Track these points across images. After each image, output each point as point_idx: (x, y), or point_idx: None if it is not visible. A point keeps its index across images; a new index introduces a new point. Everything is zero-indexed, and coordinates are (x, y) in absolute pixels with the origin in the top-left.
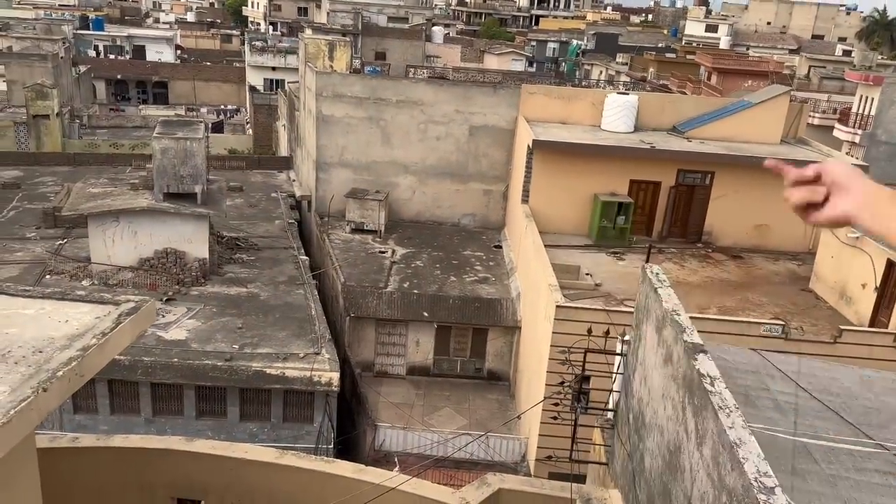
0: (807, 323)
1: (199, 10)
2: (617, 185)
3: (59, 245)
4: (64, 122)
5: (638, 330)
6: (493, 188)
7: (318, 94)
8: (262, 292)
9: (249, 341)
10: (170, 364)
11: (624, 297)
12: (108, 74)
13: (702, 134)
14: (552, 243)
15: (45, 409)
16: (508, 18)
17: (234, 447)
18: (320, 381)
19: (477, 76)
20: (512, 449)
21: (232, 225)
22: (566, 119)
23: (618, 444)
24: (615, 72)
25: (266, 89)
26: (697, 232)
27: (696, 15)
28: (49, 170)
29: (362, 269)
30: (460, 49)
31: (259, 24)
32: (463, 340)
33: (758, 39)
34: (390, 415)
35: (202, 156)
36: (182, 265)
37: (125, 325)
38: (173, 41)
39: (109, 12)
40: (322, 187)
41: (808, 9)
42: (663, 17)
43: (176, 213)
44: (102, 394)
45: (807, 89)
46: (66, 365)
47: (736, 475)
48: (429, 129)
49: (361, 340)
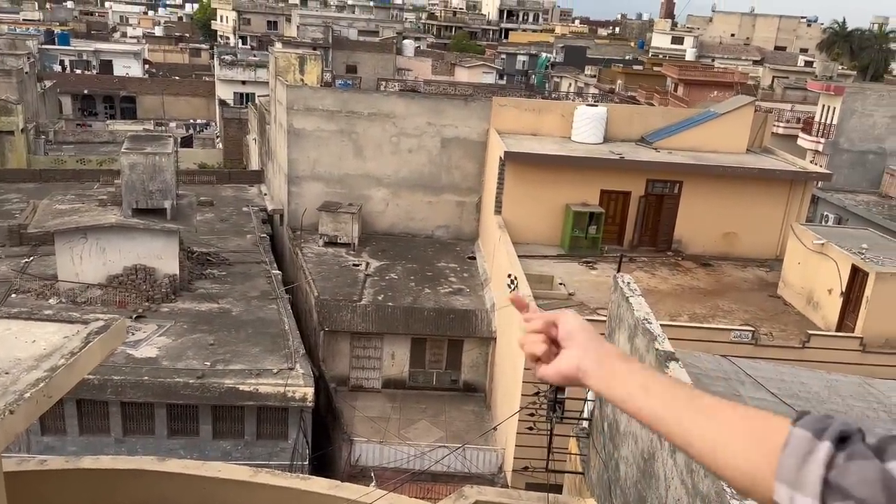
0: (775, 329)
1: (167, 25)
2: (588, 196)
3: (25, 263)
4: (29, 137)
5: (610, 338)
6: (466, 200)
7: (290, 108)
8: (233, 308)
9: (221, 358)
10: (140, 382)
11: (597, 305)
12: (74, 89)
13: (670, 144)
14: (525, 254)
15: (12, 432)
16: (478, 32)
17: (207, 466)
18: (294, 397)
19: (448, 89)
20: (489, 460)
21: (202, 240)
22: (537, 131)
23: (593, 454)
24: (584, 84)
25: (236, 103)
26: (667, 240)
27: (662, 27)
28: (14, 186)
29: (336, 282)
30: (431, 62)
31: (228, 38)
32: (438, 352)
33: (722, 51)
34: (366, 429)
35: (171, 171)
36: (152, 282)
37: (94, 345)
38: (141, 55)
39: (75, 27)
40: (294, 201)
41: (770, 21)
42: (630, 30)
43: (145, 228)
44: (71, 414)
45: (771, 99)
46: (33, 386)
47: (709, 482)
48: (401, 142)
49: (336, 354)
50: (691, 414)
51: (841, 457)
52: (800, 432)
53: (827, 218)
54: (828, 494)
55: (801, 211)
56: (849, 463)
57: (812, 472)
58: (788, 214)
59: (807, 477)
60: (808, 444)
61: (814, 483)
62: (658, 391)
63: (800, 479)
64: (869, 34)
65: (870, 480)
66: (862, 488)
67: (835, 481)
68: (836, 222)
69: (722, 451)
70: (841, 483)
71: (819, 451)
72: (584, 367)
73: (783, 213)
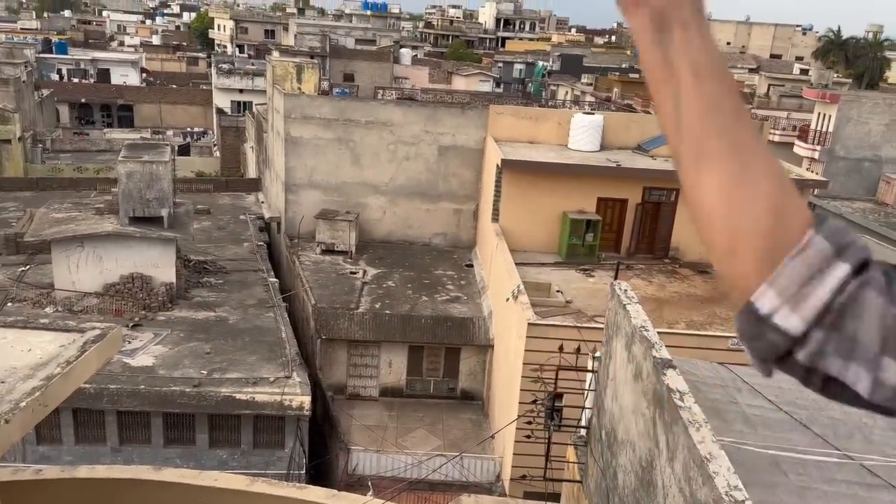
0: None
1: (164, 34)
2: (585, 203)
3: (22, 272)
4: (26, 146)
5: (608, 346)
6: (464, 207)
7: (287, 116)
8: (230, 316)
9: (218, 366)
10: (136, 391)
11: (594, 313)
12: (71, 98)
13: (666, 152)
14: (523, 261)
15: (8, 442)
16: (475, 40)
17: (203, 475)
18: (291, 406)
19: (445, 97)
20: (486, 469)
21: (199, 248)
22: (534, 139)
23: (591, 462)
24: (581, 92)
25: (233, 111)
26: (664, 248)
27: None
28: (11, 195)
29: (333, 290)
30: (428, 70)
31: (226, 46)
32: (436, 360)
33: None
34: (363, 438)
35: (168, 179)
36: (149, 290)
37: (90, 353)
38: (138, 64)
39: (73, 36)
40: (291, 209)
41: (766, 29)
42: (626, 39)
43: (142, 237)
44: (67, 423)
45: (766, 107)
46: (29, 395)
47: (707, 490)
48: (398, 150)
49: (333, 363)
50: (724, 137)
51: (855, 284)
52: (821, 243)
53: None
54: (819, 321)
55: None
56: (861, 292)
57: (816, 294)
58: None
59: (808, 296)
60: (824, 259)
61: (813, 306)
62: (709, 78)
63: (799, 294)
64: (864, 42)
65: (871, 319)
66: (857, 324)
67: (835, 307)
68: None
69: (726, 206)
70: (842, 311)
71: (835, 271)
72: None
73: None
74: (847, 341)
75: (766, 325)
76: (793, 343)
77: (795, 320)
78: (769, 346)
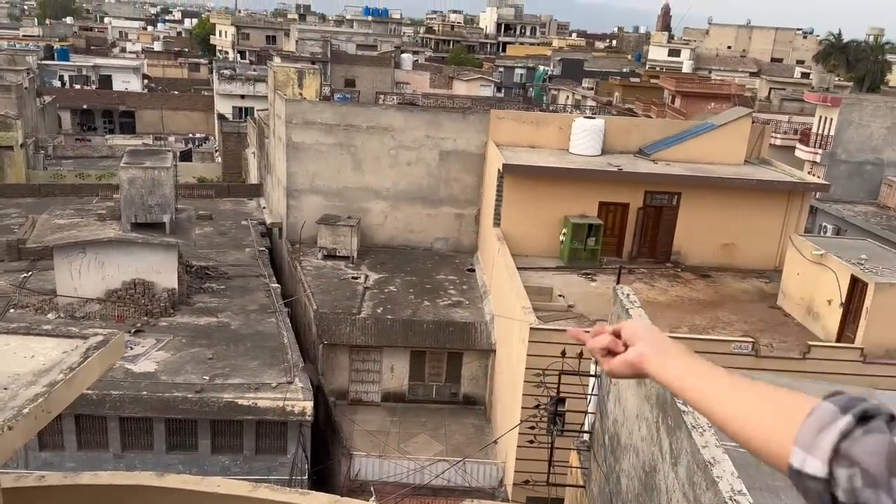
0: (776, 339)
1: (166, 40)
2: (586, 208)
3: (24, 278)
4: (28, 152)
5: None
6: (465, 212)
7: (288, 122)
8: (232, 321)
9: (220, 372)
10: (139, 397)
11: (597, 317)
12: (73, 104)
13: (667, 156)
14: (524, 265)
15: (10, 448)
16: (476, 45)
17: (206, 481)
18: (293, 411)
19: (446, 102)
20: (489, 474)
21: (201, 254)
22: (535, 143)
23: (594, 467)
24: (581, 96)
25: (235, 117)
26: (666, 252)
27: (659, 40)
28: (13, 201)
29: (335, 295)
30: (429, 75)
31: (227, 52)
32: (438, 365)
33: (719, 63)
34: (366, 443)
35: (170, 185)
36: (151, 296)
37: (93, 360)
38: (140, 70)
39: (75, 42)
40: (293, 214)
41: (766, 33)
42: (627, 43)
43: (144, 243)
44: (69, 429)
45: (768, 111)
46: (31, 402)
47: (711, 494)
48: (399, 155)
49: (335, 368)
50: (729, 391)
51: (859, 430)
52: (827, 405)
53: (825, 229)
54: (836, 460)
55: (800, 222)
56: (864, 436)
57: (826, 439)
58: (787, 225)
59: (821, 442)
60: (831, 415)
61: (825, 448)
62: (703, 371)
63: (815, 443)
64: (865, 46)
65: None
66: (868, 458)
67: (845, 449)
68: (834, 233)
69: (753, 422)
70: (850, 451)
71: (840, 422)
72: (646, 353)
73: (782, 224)
74: (868, 475)
75: (803, 476)
76: (826, 485)
77: (816, 463)
78: (815, 495)
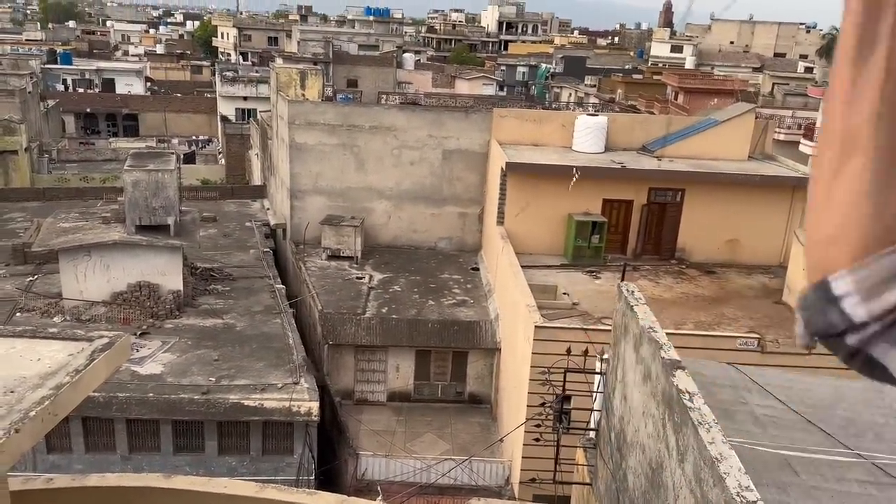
0: (781, 335)
1: (168, 42)
2: (590, 205)
3: (30, 282)
4: (33, 156)
5: (616, 348)
6: (469, 211)
7: (291, 123)
8: (238, 323)
9: (226, 373)
10: (145, 399)
11: (601, 315)
12: (77, 108)
13: (671, 152)
14: (528, 264)
15: (18, 451)
16: (478, 44)
17: (213, 482)
18: (299, 412)
19: (448, 101)
20: (495, 473)
21: (206, 256)
22: (538, 141)
23: (600, 464)
24: (584, 94)
25: (238, 119)
26: (671, 249)
27: (661, 36)
28: (18, 205)
29: (339, 295)
30: (431, 75)
31: (229, 54)
32: (443, 364)
33: (722, 59)
34: (372, 443)
35: (174, 187)
36: (156, 298)
37: (99, 362)
38: (143, 73)
39: (77, 46)
40: (297, 215)
41: (769, 28)
42: (629, 40)
43: (149, 245)
44: (77, 432)
45: (771, 106)
46: (38, 404)
47: (718, 491)
48: (402, 155)
49: (340, 368)
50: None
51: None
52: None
53: None
54: (883, 318)
55: (805, 217)
56: None
57: (890, 294)
58: (792, 220)
59: (882, 293)
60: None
61: (884, 303)
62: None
63: (874, 288)
64: None
65: None
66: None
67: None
68: None
69: (868, 200)
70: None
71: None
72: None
73: (786, 219)
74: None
75: (833, 304)
76: (849, 327)
77: (862, 310)
78: (826, 324)
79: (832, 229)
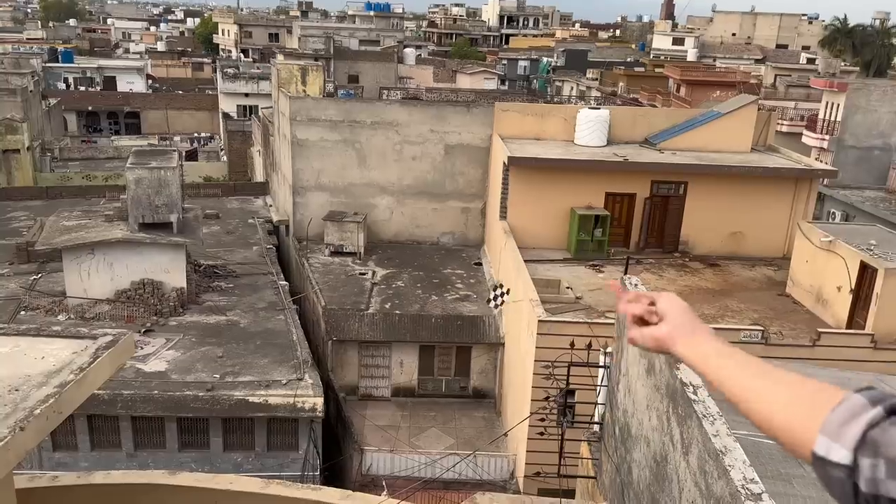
0: (785, 327)
1: (169, 40)
2: (593, 199)
3: (34, 280)
4: (35, 155)
5: (620, 341)
6: (471, 206)
7: (293, 119)
8: (241, 320)
9: (230, 370)
10: (150, 396)
11: (605, 308)
12: (78, 106)
13: (673, 145)
14: (531, 258)
15: (23, 449)
16: (479, 38)
17: (218, 478)
18: (304, 408)
19: (450, 96)
20: (500, 467)
21: (209, 253)
22: (540, 135)
23: (605, 457)
24: (586, 87)
25: (239, 116)
26: (674, 241)
27: (663, 29)
28: (21, 204)
29: (343, 291)
30: (432, 70)
31: (230, 51)
32: (447, 359)
33: (724, 51)
34: (376, 438)
35: (177, 184)
36: (160, 295)
37: (103, 360)
38: (144, 71)
39: (79, 44)
40: (299, 211)
41: (771, 19)
42: (630, 32)
43: (152, 243)
44: (82, 430)
45: (774, 98)
46: (43, 402)
47: (723, 483)
48: (404, 150)
49: (344, 364)
50: (757, 378)
51: (887, 422)
52: (858, 397)
53: (834, 215)
54: (861, 449)
55: (808, 209)
56: (892, 427)
57: (853, 428)
58: (795, 212)
59: (849, 431)
60: (861, 406)
61: (852, 436)
62: (730, 355)
63: (842, 431)
64: (871, 30)
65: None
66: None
67: (872, 439)
68: (843, 219)
69: (779, 408)
70: (877, 440)
71: (869, 413)
72: (674, 334)
73: (789, 211)
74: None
75: (827, 464)
76: (850, 473)
77: (841, 450)
78: (838, 484)
79: (786, 428)
